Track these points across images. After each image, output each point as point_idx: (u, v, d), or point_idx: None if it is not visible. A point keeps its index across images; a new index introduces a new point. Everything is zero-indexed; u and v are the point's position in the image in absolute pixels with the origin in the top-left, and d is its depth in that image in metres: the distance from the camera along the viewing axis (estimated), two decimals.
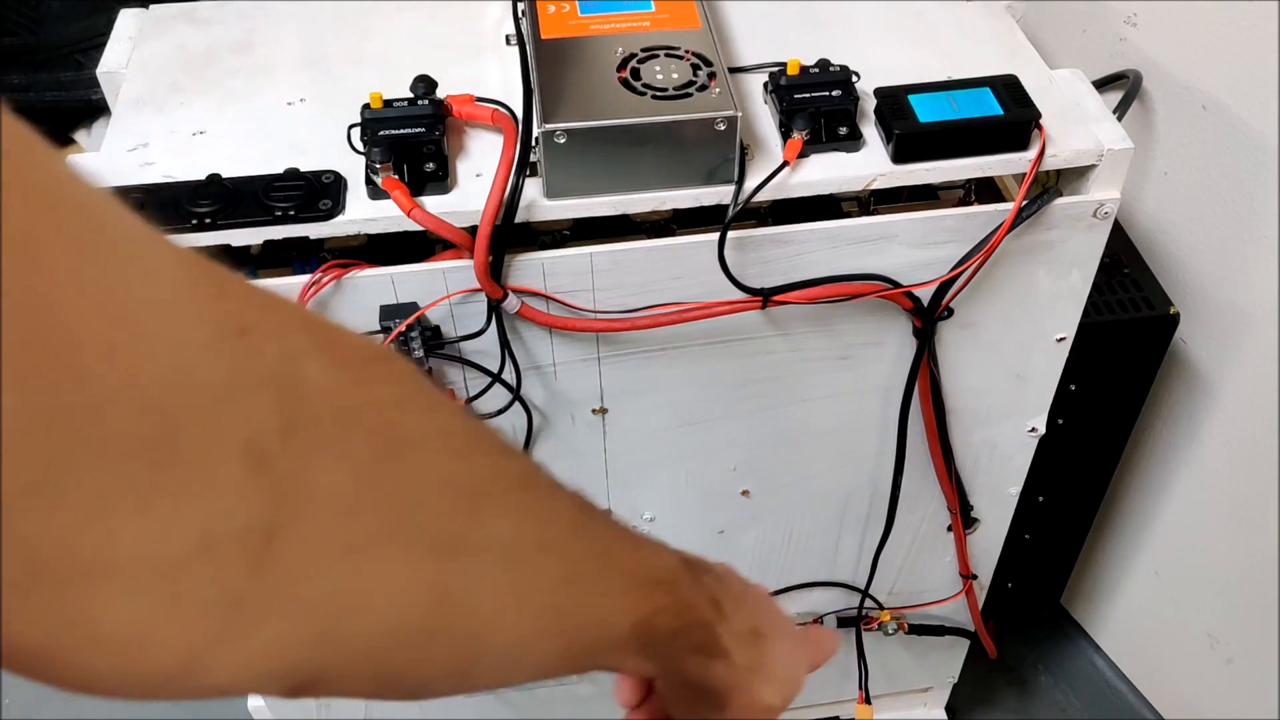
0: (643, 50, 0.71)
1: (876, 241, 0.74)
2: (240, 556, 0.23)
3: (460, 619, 0.29)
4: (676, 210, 0.71)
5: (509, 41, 0.78)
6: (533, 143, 0.67)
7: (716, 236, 0.70)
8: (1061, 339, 0.85)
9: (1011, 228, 0.73)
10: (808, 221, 0.73)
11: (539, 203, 0.69)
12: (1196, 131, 0.94)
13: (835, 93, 0.72)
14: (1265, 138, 0.88)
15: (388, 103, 0.69)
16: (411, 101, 0.70)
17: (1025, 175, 0.72)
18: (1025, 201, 0.73)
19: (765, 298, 0.74)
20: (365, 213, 0.68)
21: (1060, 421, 0.96)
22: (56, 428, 0.19)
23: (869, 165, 0.72)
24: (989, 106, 0.71)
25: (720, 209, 0.70)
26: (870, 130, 0.73)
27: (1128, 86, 0.92)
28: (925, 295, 0.77)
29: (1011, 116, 0.71)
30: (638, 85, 0.69)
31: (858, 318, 0.79)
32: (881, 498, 0.94)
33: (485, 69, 0.77)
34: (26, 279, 0.19)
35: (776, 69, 0.74)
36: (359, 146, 0.70)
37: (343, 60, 0.79)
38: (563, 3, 0.75)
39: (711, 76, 0.69)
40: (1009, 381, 0.87)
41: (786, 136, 0.71)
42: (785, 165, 0.70)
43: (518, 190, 0.67)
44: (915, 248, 0.75)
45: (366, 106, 0.69)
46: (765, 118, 0.74)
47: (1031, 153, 0.72)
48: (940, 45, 0.80)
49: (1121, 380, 0.97)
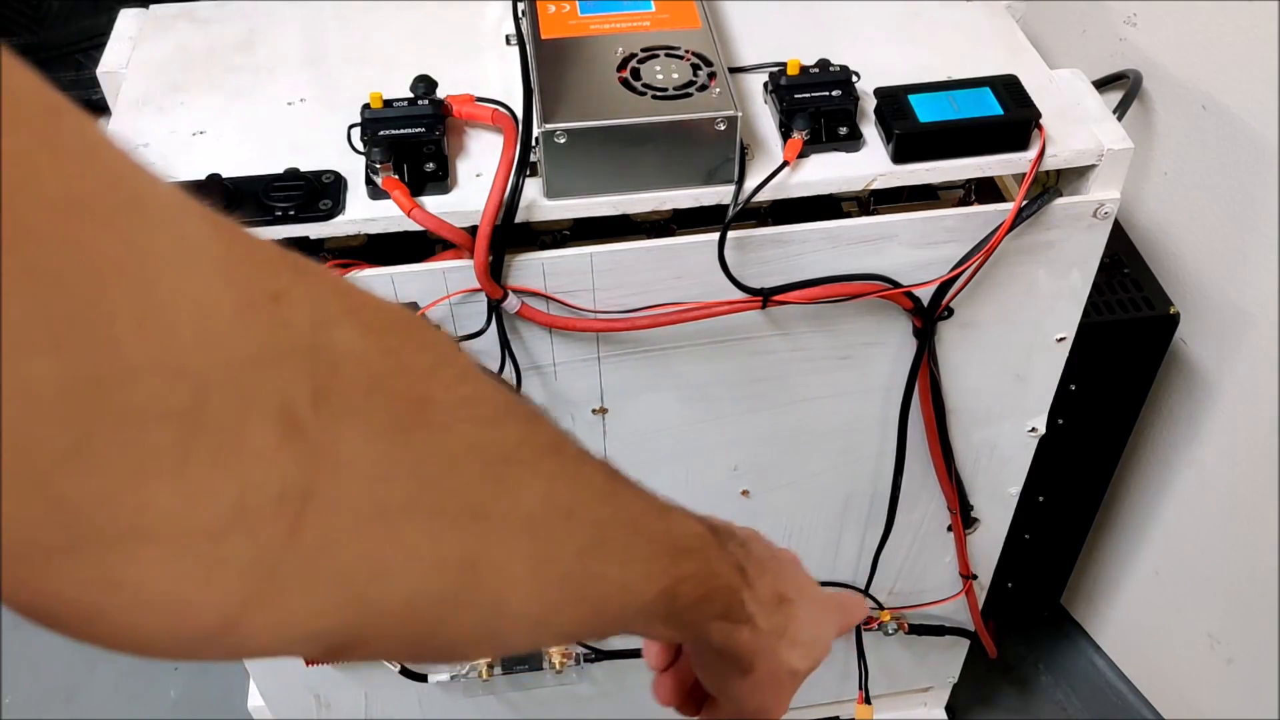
0: (643, 50, 0.71)
1: (876, 241, 0.74)
2: (276, 521, 0.23)
3: (487, 585, 0.29)
4: (676, 210, 0.71)
5: (509, 41, 0.78)
6: (533, 143, 0.67)
7: (716, 236, 0.70)
8: (1061, 339, 0.85)
9: (1011, 228, 0.73)
10: (808, 221, 0.73)
11: (539, 203, 0.69)
12: (1196, 131, 0.94)
13: (835, 93, 0.72)
14: (1265, 138, 0.87)
15: (388, 103, 0.69)
16: (412, 101, 0.70)
17: (1025, 175, 0.72)
18: (1025, 201, 0.73)
19: (765, 298, 0.74)
20: (365, 213, 0.68)
21: (1060, 421, 0.96)
22: (91, 393, 0.19)
23: (869, 165, 0.72)
24: (989, 106, 0.71)
25: (720, 209, 0.70)
26: (870, 130, 0.73)
27: (1128, 86, 0.92)
28: (925, 295, 0.77)
29: (1011, 116, 0.71)
30: (638, 85, 0.69)
31: (858, 318, 0.79)
32: (881, 497, 0.94)
33: (485, 69, 0.77)
34: (60, 243, 0.18)
35: (776, 69, 0.74)
36: (359, 146, 0.70)
37: (343, 60, 0.79)
38: (563, 2, 0.75)
39: (711, 76, 0.69)
40: (1009, 381, 0.87)
41: (786, 136, 0.71)
42: (785, 165, 0.70)
43: (518, 190, 0.67)
44: (915, 248, 0.75)
45: (366, 106, 0.69)
46: (765, 118, 0.74)
47: (1031, 153, 0.72)
48: (940, 45, 0.80)
49: (1121, 380, 0.97)
